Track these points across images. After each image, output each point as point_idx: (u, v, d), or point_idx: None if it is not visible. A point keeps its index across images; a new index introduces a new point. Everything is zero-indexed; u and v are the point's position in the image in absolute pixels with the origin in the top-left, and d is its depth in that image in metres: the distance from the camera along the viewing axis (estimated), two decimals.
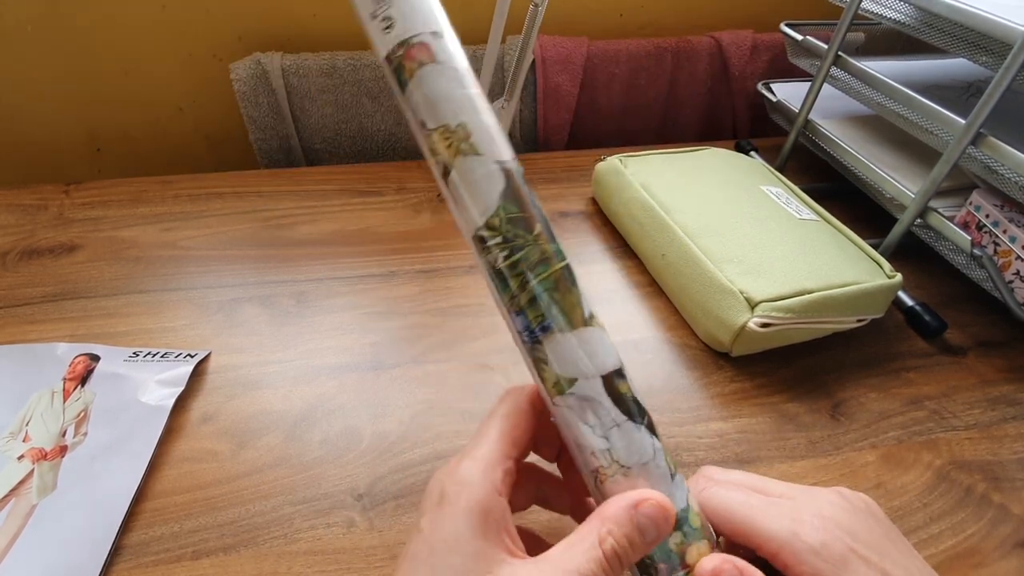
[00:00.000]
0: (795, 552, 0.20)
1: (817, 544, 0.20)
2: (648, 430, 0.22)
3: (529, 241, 0.21)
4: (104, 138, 0.71)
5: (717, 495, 0.23)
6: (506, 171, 0.21)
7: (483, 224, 0.21)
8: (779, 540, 0.21)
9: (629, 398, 0.22)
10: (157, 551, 0.31)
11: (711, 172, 0.53)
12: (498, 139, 0.21)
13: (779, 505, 0.22)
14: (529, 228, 0.21)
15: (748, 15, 0.79)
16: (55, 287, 0.45)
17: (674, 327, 0.46)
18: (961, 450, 0.38)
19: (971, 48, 0.43)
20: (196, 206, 0.55)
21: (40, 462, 0.33)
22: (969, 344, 0.47)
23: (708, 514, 0.23)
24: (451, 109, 0.21)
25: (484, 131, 0.21)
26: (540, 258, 0.21)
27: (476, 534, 0.19)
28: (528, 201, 0.21)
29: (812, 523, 0.21)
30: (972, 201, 0.48)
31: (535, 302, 0.21)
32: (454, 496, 0.20)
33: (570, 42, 0.70)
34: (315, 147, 0.71)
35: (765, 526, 0.21)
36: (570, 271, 0.21)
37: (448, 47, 0.21)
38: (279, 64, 0.63)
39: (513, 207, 0.21)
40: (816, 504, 0.22)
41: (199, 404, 0.38)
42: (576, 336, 0.21)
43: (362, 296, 0.47)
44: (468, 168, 0.21)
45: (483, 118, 0.21)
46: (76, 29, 0.63)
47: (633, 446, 0.21)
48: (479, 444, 0.22)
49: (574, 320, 0.21)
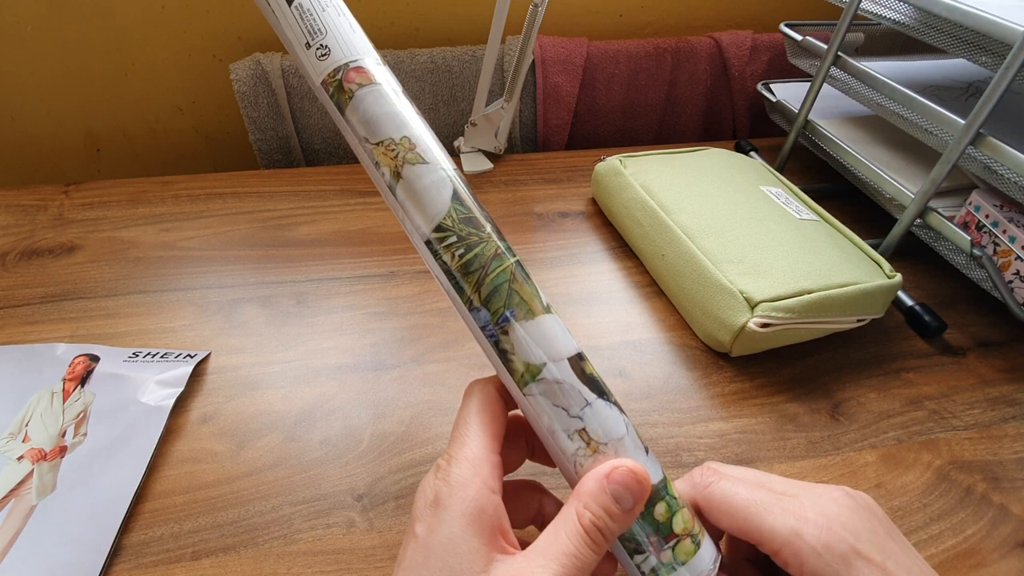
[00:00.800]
0: (797, 552, 0.20)
1: (819, 544, 0.20)
2: (617, 407, 0.22)
3: (483, 238, 0.22)
4: (104, 138, 0.71)
5: (720, 491, 0.23)
6: (451, 177, 0.23)
7: (436, 226, 0.22)
8: (781, 539, 0.21)
9: (595, 377, 0.22)
10: (157, 552, 0.31)
11: (711, 172, 0.53)
12: (438, 149, 0.23)
13: (782, 503, 0.22)
14: (480, 226, 0.22)
15: (748, 15, 0.79)
16: (55, 288, 0.45)
17: (674, 327, 0.46)
18: (961, 450, 0.38)
19: (970, 48, 0.43)
20: (196, 206, 0.55)
21: (40, 463, 0.33)
22: (969, 344, 0.47)
23: (711, 509, 0.23)
24: (393, 124, 0.23)
25: (426, 142, 0.23)
26: (494, 253, 0.22)
27: (471, 534, 0.20)
28: (475, 202, 0.23)
29: (815, 522, 0.21)
30: (972, 201, 0.48)
31: (495, 295, 0.22)
32: (447, 499, 0.20)
33: (570, 43, 0.70)
34: (315, 147, 0.71)
35: (768, 524, 0.21)
36: (522, 266, 0.23)
37: (381, 70, 0.24)
38: (279, 64, 0.63)
39: (462, 208, 0.22)
40: (820, 502, 0.22)
41: (199, 404, 0.38)
42: (538, 323, 0.22)
43: (362, 296, 0.47)
44: (416, 175, 0.22)
45: (422, 131, 0.23)
46: (76, 29, 0.63)
47: (608, 423, 0.22)
48: (464, 444, 0.22)
49: (535, 309, 0.22)
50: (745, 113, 0.79)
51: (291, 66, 0.64)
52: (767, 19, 0.80)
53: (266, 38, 0.67)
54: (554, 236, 0.54)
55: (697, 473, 0.24)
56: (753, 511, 0.22)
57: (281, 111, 0.66)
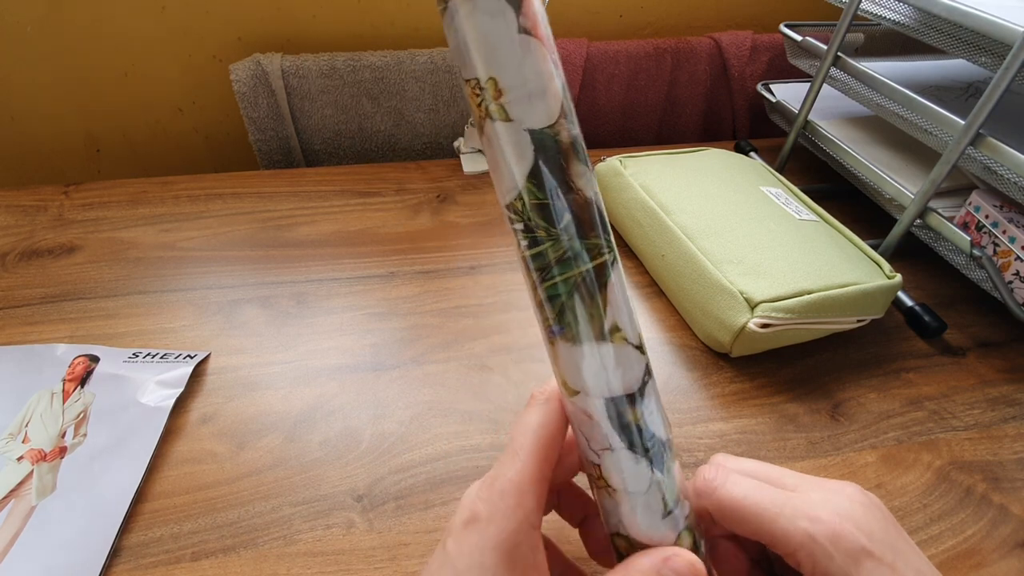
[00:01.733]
0: (810, 555, 0.20)
1: (831, 545, 0.20)
2: (648, 462, 0.20)
3: (552, 235, 0.18)
4: (104, 139, 0.71)
5: (729, 495, 0.22)
6: (540, 143, 0.18)
7: (506, 204, 0.19)
8: (794, 542, 0.21)
9: (634, 427, 0.20)
10: (156, 552, 0.31)
11: (711, 173, 0.53)
12: (540, 102, 0.18)
13: (793, 503, 0.21)
14: (555, 220, 0.18)
15: (747, 16, 0.79)
16: (54, 288, 0.45)
17: (674, 328, 0.46)
18: (961, 450, 0.38)
19: (970, 49, 0.43)
20: (196, 207, 0.55)
21: (39, 463, 0.33)
22: (969, 345, 0.47)
23: (722, 510, 0.23)
24: (485, 56, 0.17)
25: (521, 89, 0.17)
26: (560, 257, 0.18)
27: (501, 569, 0.19)
28: (562, 186, 0.18)
29: (827, 522, 0.21)
30: (971, 202, 0.48)
31: (549, 303, 0.19)
32: (484, 525, 0.19)
33: (570, 43, 0.70)
34: (315, 148, 0.71)
35: (780, 526, 0.21)
36: (596, 274, 0.19)
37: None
38: (279, 65, 0.63)
39: (539, 193, 0.18)
40: (832, 501, 0.22)
41: (199, 405, 0.38)
42: (586, 349, 0.19)
43: (362, 297, 0.47)
44: (495, 134, 0.18)
45: (524, 71, 0.17)
46: (76, 30, 0.63)
47: (623, 475, 0.20)
48: (514, 460, 0.21)
49: (589, 332, 0.19)
50: (745, 113, 0.79)
51: (291, 67, 0.64)
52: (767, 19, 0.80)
53: (266, 39, 0.67)
54: None
55: (701, 478, 0.23)
56: (764, 516, 0.21)
57: (281, 112, 0.66)
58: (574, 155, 0.18)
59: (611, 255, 0.19)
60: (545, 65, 0.17)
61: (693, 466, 0.36)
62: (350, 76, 0.65)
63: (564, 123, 0.18)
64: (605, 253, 0.19)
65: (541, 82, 0.17)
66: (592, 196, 0.19)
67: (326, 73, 0.65)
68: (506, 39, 0.17)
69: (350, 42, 0.69)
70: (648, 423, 0.20)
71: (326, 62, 0.64)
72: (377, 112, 0.69)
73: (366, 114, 0.69)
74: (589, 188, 0.19)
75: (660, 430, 0.21)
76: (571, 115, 0.18)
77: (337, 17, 0.67)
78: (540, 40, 0.17)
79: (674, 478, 0.21)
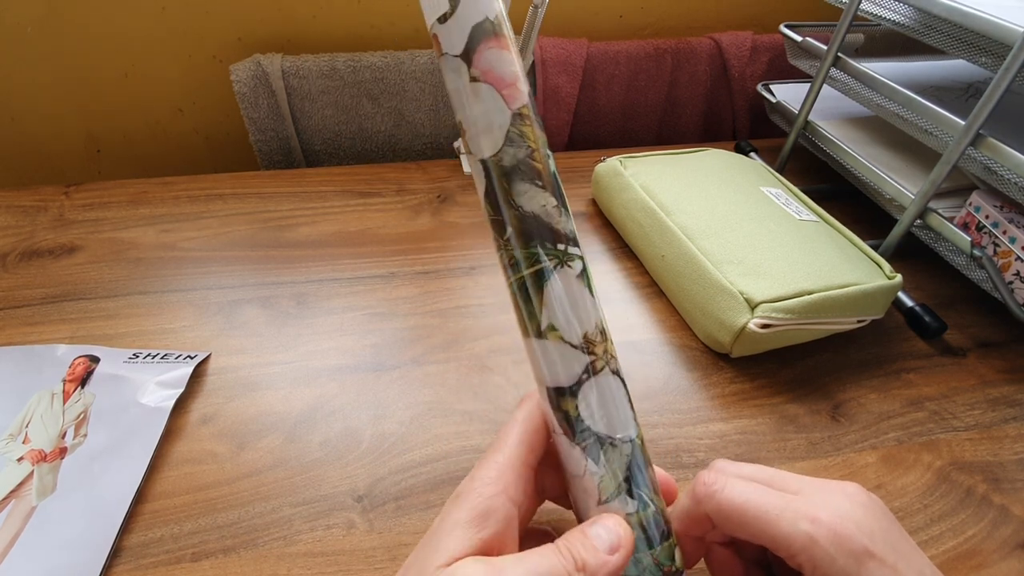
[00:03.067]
0: (812, 558, 0.20)
1: (834, 549, 0.20)
2: (583, 452, 0.22)
3: (502, 245, 0.22)
4: (104, 139, 0.71)
5: (728, 499, 0.22)
6: (487, 169, 0.21)
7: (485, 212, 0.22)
8: (797, 545, 0.20)
9: (573, 416, 0.22)
10: (157, 553, 0.31)
11: (711, 173, 0.53)
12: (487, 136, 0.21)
13: (794, 505, 0.21)
14: (502, 232, 0.21)
15: (747, 16, 0.79)
16: (55, 288, 0.45)
17: (674, 328, 0.46)
18: (961, 451, 0.38)
19: (970, 49, 0.43)
20: (196, 207, 0.55)
21: (40, 464, 0.33)
22: (969, 345, 0.47)
23: (721, 518, 0.23)
24: (454, 104, 0.21)
25: (474, 127, 0.21)
26: (509, 263, 0.22)
27: (471, 526, 0.20)
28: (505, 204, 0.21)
29: (828, 524, 0.21)
30: (972, 202, 0.48)
31: (512, 299, 0.22)
32: (464, 495, 0.21)
33: (570, 43, 0.70)
34: (315, 148, 0.71)
35: (782, 531, 0.21)
36: (532, 280, 0.21)
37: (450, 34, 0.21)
38: (279, 65, 0.63)
39: (492, 209, 0.21)
40: (833, 500, 0.21)
41: (199, 405, 0.38)
42: (533, 343, 0.22)
43: (362, 297, 0.47)
44: (468, 163, 0.22)
45: (475, 113, 0.21)
46: (76, 31, 0.63)
47: (563, 457, 0.23)
48: (498, 449, 0.22)
49: (530, 328, 0.22)
50: (745, 114, 0.79)
51: (291, 67, 0.64)
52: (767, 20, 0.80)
53: (266, 39, 0.67)
54: None
55: (700, 482, 0.23)
56: (765, 518, 0.21)
57: (281, 112, 0.66)
58: (517, 176, 0.21)
59: (553, 262, 0.21)
60: (492, 103, 0.21)
61: (693, 466, 0.36)
62: (350, 76, 0.65)
63: (507, 149, 0.21)
64: (543, 261, 0.21)
65: (488, 119, 0.21)
66: (536, 210, 0.21)
67: (326, 73, 0.65)
68: (462, 89, 0.21)
69: (350, 42, 0.69)
70: (584, 417, 0.22)
71: (326, 62, 0.64)
72: (377, 112, 0.69)
73: (366, 114, 0.69)
74: (533, 203, 0.21)
75: (600, 427, 0.22)
76: (518, 141, 0.21)
77: (337, 17, 0.67)
78: (489, 83, 0.21)
79: (614, 474, 0.22)
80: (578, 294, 0.22)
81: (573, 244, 0.22)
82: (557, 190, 0.22)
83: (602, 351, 0.22)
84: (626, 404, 0.23)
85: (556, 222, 0.21)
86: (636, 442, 0.22)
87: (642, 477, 0.22)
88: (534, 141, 0.21)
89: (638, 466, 0.22)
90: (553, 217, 0.21)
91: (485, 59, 0.21)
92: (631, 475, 0.22)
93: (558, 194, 0.22)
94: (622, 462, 0.22)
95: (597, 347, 0.22)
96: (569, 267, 0.21)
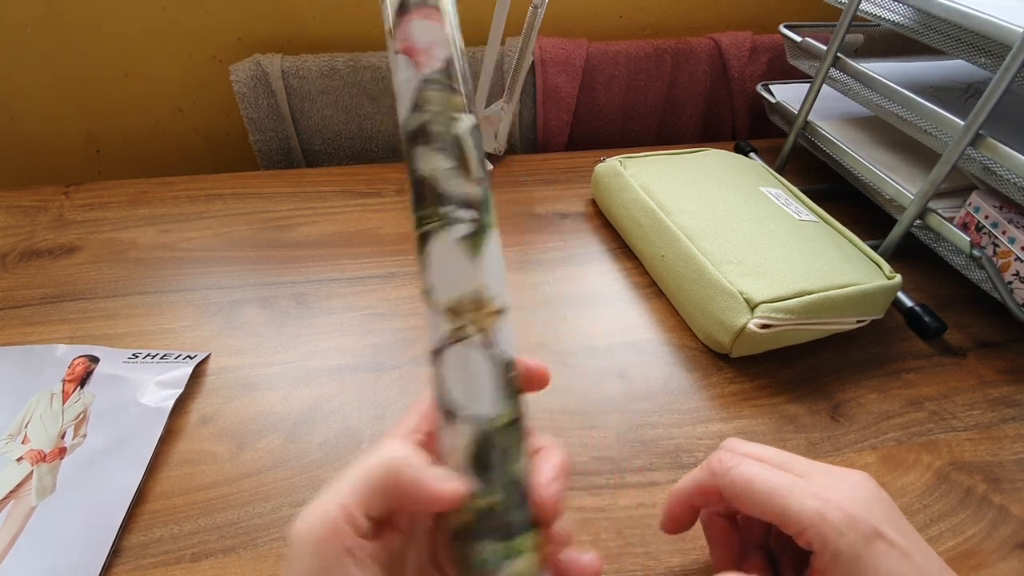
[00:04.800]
0: (821, 532, 0.20)
1: (843, 525, 0.20)
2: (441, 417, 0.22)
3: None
4: (104, 140, 0.71)
5: (741, 475, 0.23)
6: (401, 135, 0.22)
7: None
8: (805, 520, 0.21)
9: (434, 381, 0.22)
10: (156, 553, 0.31)
11: (710, 173, 0.53)
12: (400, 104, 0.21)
13: (805, 485, 0.22)
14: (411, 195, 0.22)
15: (747, 17, 0.79)
16: (54, 288, 0.45)
17: (674, 328, 0.46)
18: (961, 451, 0.38)
19: (970, 49, 0.43)
20: (196, 207, 0.55)
21: (39, 464, 0.33)
22: (969, 345, 0.47)
23: (734, 494, 0.23)
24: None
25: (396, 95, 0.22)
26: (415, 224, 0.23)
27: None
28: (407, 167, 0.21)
29: (838, 503, 0.21)
30: (971, 202, 0.48)
31: None
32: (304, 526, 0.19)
33: (570, 44, 0.70)
34: (315, 148, 0.71)
35: (791, 506, 0.21)
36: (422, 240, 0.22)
37: None
38: (279, 65, 0.63)
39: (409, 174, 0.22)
40: (842, 484, 0.22)
41: (198, 406, 0.38)
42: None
43: (362, 297, 0.46)
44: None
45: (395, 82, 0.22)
46: (76, 31, 0.63)
47: None
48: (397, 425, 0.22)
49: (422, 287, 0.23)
50: (745, 114, 0.79)
51: (291, 67, 0.64)
52: (767, 20, 0.80)
53: (266, 39, 0.67)
54: (554, 237, 0.54)
55: (715, 458, 0.24)
56: (776, 494, 0.22)
57: (281, 112, 0.66)
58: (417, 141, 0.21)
59: (434, 225, 0.21)
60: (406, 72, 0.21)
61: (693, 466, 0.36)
62: (350, 76, 0.65)
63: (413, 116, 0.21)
64: (425, 225, 0.21)
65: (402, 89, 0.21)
66: (427, 173, 0.21)
67: (326, 73, 0.65)
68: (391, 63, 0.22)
69: (350, 42, 0.69)
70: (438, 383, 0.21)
71: (326, 62, 0.64)
72: (377, 113, 0.69)
73: (366, 114, 0.69)
74: (426, 167, 0.21)
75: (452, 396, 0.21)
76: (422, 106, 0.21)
77: (337, 17, 0.67)
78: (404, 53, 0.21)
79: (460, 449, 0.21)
80: (451, 259, 0.21)
81: (464, 207, 0.21)
82: (458, 153, 0.21)
83: (470, 320, 0.21)
84: (488, 381, 0.21)
85: (446, 185, 0.21)
86: (493, 422, 0.21)
87: (498, 462, 0.21)
88: (439, 104, 0.21)
89: (493, 448, 0.21)
90: (443, 180, 0.21)
91: (406, 30, 0.21)
92: (480, 454, 0.21)
93: (459, 157, 0.21)
94: (468, 438, 0.21)
95: (464, 316, 0.21)
96: (448, 231, 0.21)
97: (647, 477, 0.36)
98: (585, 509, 0.34)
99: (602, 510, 0.34)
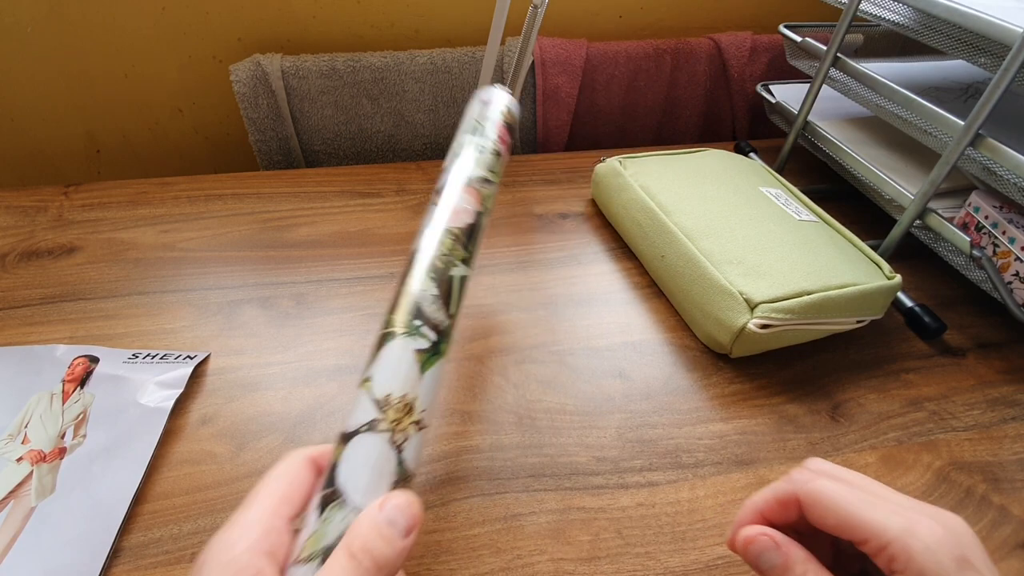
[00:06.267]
0: (907, 547, 0.20)
1: (932, 543, 0.20)
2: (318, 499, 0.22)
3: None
4: (104, 140, 0.71)
5: (822, 487, 0.22)
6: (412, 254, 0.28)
7: None
8: (891, 534, 0.20)
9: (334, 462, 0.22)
10: (156, 553, 0.31)
11: (710, 173, 0.53)
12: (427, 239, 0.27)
13: (889, 505, 0.21)
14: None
15: (747, 17, 0.79)
16: (54, 289, 0.45)
17: (673, 328, 0.46)
18: (961, 451, 0.38)
19: (970, 50, 0.43)
20: (195, 208, 0.55)
21: (39, 464, 0.33)
22: (968, 345, 0.47)
23: (813, 505, 0.22)
24: None
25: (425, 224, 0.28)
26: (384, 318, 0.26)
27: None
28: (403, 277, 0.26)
29: (927, 524, 0.20)
30: (971, 202, 0.48)
31: None
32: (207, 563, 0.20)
33: (569, 44, 0.70)
34: (315, 149, 0.71)
35: (876, 518, 0.21)
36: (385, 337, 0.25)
37: None
38: (279, 66, 0.63)
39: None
40: (927, 509, 0.21)
41: (198, 406, 0.38)
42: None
43: (362, 297, 0.46)
44: None
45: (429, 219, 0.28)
46: (76, 31, 0.63)
47: None
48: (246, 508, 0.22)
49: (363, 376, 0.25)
50: (744, 114, 0.79)
51: (291, 67, 0.64)
52: (766, 20, 0.80)
53: (266, 39, 0.67)
54: (554, 237, 0.54)
55: (798, 471, 0.24)
56: (860, 508, 0.21)
57: (281, 112, 0.66)
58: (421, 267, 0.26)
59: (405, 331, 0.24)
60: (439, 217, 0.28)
61: (692, 466, 0.36)
62: (350, 77, 0.65)
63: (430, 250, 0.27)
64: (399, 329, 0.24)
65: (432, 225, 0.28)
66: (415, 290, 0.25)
67: (326, 74, 0.65)
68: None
69: (350, 42, 0.69)
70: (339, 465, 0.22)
71: (326, 63, 0.64)
72: (377, 112, 0.69)
73: (366, 114, 0.69)
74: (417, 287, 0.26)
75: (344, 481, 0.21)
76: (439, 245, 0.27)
77: (337, 17, 0.67)
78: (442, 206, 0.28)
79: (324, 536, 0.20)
80: (403, 362, 0.23)
81: (432, 329, 0.24)
82: (446, 288, 0.26)
83: (394, 419, 0.22)
84: (385, 480, 0.21)
85: (426, 306, 0.25)
86: None
87: None
88: (449, 249, 0.27)
89: None
90: (426, 301, 0.25)
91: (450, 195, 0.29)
92: None
93: (446, 291, 0.26)
94: (339, 528, 0.20)
95: (391, 412, 0.22)
96: (410, 339, 0.24)
97: (647, 477, 0.36)
98: (585, 509, 0.34)
99: (602, 510, 0.34)
